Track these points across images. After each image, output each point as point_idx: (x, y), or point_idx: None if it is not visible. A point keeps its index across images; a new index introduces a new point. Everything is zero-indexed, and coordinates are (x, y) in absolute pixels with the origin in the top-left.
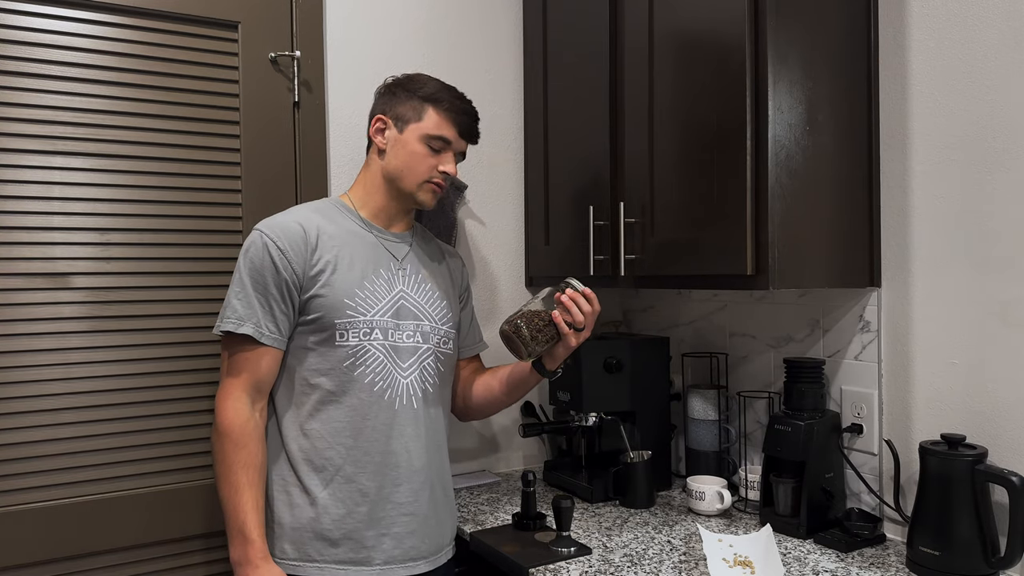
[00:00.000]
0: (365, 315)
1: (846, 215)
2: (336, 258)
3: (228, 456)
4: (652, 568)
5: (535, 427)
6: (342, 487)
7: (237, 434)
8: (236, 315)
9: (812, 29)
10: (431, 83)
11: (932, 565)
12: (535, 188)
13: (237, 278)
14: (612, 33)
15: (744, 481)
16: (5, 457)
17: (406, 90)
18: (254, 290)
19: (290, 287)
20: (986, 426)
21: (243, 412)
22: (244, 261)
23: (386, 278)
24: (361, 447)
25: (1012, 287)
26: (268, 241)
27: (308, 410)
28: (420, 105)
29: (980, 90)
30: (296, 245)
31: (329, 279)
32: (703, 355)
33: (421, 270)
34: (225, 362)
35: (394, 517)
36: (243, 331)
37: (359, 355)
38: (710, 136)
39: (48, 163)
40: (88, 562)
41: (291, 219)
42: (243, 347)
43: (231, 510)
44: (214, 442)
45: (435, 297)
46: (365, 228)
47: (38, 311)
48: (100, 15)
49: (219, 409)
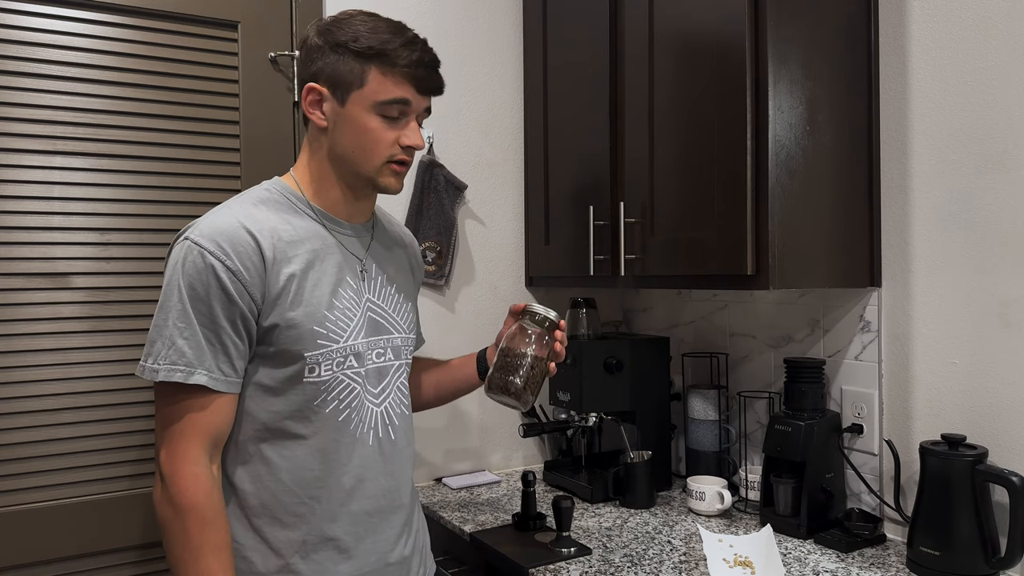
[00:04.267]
0: (338, 341)
1: (846, 215)
2: (299, 272)
3: (193, 538)
4: (652, 568)
5: (535, 427)
6: (317, 547)
7: (203, 508)
8: (183, 360)
9: (812, 29)
10: (365, 28)
11: (932, 565)
12: (535, 188)
13: (177, 308)
14: (612, 33)
15: (744, 481)
16: (5, 457)
17: (336, 45)
18: (200, 325)
19: (246, 318)
20: (986, 426)
21: (205, 480)
22: (180, 284)
23: (354, 288)
24: (335, 497)
25: (1012, 287)
26: (214, 261)
27: (268, 459)
28: (360, 65)
29: (980, 90)
30: (250, 262)
31: (293, 301)
32: (703, 355)
33: (386, 269)
34: (168, 415)
35: (379, 570)
36: (194, 381)
37: (331, 389)
38: (710, 136)
39: (48, 163)
40: (88, 562)
41: (235, 223)
42: (193, 399)
43: None
44: (167, 520)
45: (399, 300)
46: (324, 225)
47: (38, 311)
48: (100, 15)
49: (174, 479)
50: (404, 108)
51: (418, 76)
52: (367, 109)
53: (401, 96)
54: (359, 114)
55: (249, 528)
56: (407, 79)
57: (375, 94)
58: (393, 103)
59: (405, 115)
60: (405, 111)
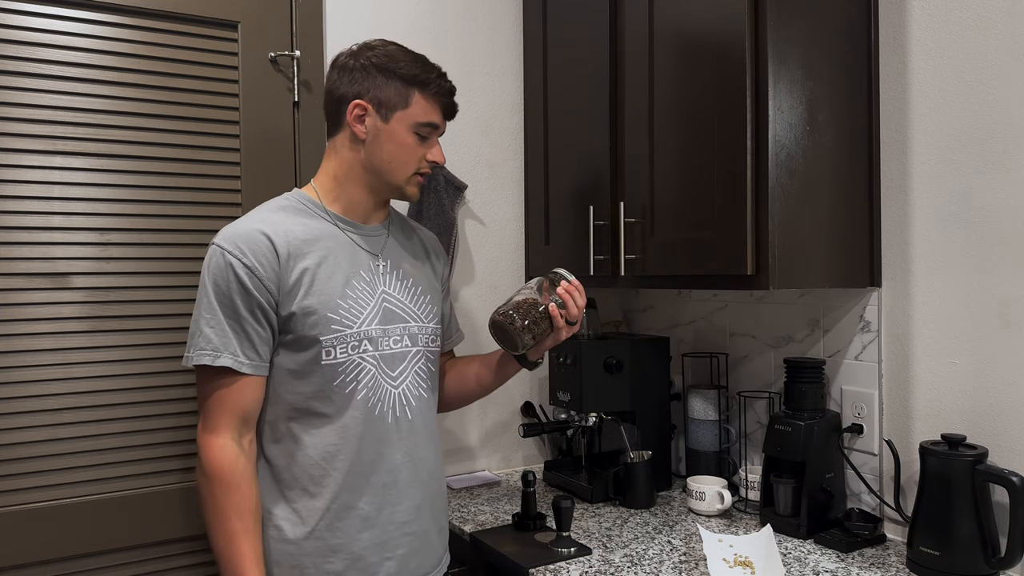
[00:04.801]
0: (352, 327)
1: (846, 215)
2: (312, 266)
3: (219, 502)
4: (652, 568)
5: (535, 427)
6: (340, 515)
7: (227, 476)
8: (210, 346)
9: (812, 29)
10: (406, 58)
11: (932, 565)
12: (535, 188)
13: (205, 302)
14: (612, 33)
15: (744, 481)
16: (5, 457)
17: (383, 70)
18: (225, 316)
19: (264, 308)
20: (986, 426)
21: (231, 450)
22: (208, 283)
23: (368, 280)
24: (356, 469)
25: (1012, 287)
26: (232, 259)
27: (297, 436)
28: (405, 89)
29: (980, 90)
30: (265, 258)
31: (308, 292)
32: (703, 355)
33: (401, 264)
34: (203, 396)
35: (397, 539)
36: (220, 363)
37: (348, 371)
38: (710, 136)
39: (48, 163)
40: (88, 562)
41: (253, 227)
42: (222, 380)
43: (226, 562)
44: (201, 486)
45: (418, 292)
46: (336, 225)
47: (38, 311)
48: (100, 15)
49: (204, 449)
50: (433, 130)
51: (447, 104)
52: (407, 128)
53: (434, 121)
54: (399, 131)
55: (281, 499)
56: (439, 106)
57: (416, 116)
58: (427, 125)
59: (432, 135)
60: (433, 132)
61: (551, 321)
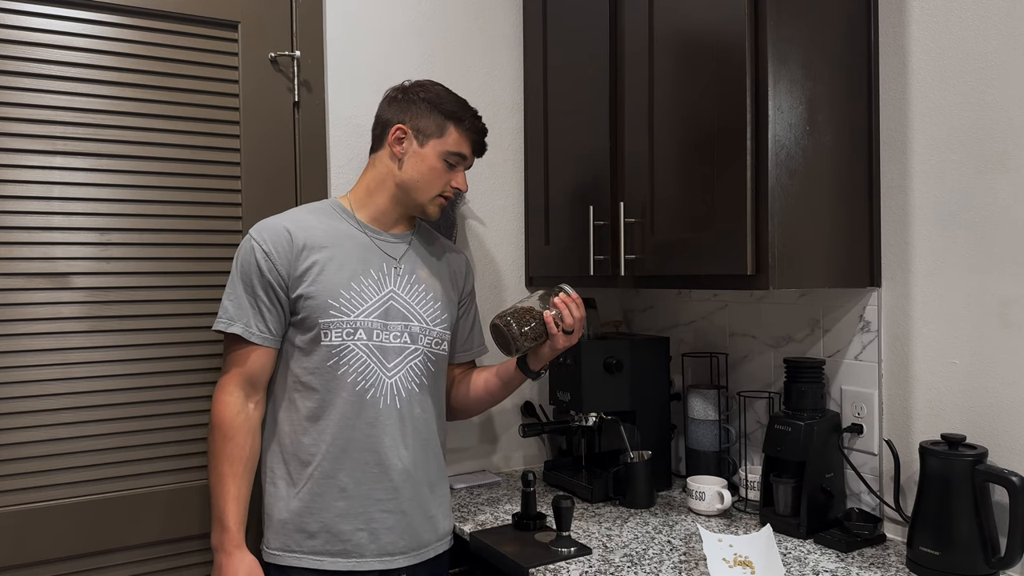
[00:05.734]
0: (349, 315)
1: (846, 215)
2: (324, 259)
3: (216, 447)
4: (652, 568)
5: (535, 427)
6: (321, 482)
7: (226, 427)
8: (227, 315)
9: (812, 29)
10: (449, 97)
11: (932, 565)
12: (535, 188)
13: (230, 279)
14: (612, 33)
15: (744, 481)
16: (5, 457)
17: (427, 103)
18: (244, 291)
19: (275, 288)
20: (986, 426)
21: (234, 406)
22: (236, 263)
23: (376, 278)
24: (341, 445)
25: (1012, 287)
26: (255, 244)
27: (298, 406)
28: (443, 121)
29: (980, 90)
30: (281, 247)
31: (315, 280)
32: (703, 355)
33: (417, 270)
34: (224, 359)
35: (371, 513)
36: (232, 330)
37: (342, 355)
38: (710, 136)
39: (48, 163)
40: (88, 562)
41: (281, 222)
42: (235, 345)
43: (214, 498)
44: (208, 433)
45: (428, 298)
46: (359, 229)
47: (38, 311)
48: (100, 15)
49: (213, 402)
50: (461, 161)
51: (477, 142)
52: (438, 154)
53: (464, 152)
54: (431, 156)
55: (282, 461)
56: (470, 142)
57: (447, 145)
58: (456, 155)
59: (459, 165)
60: (460, 163)
61: (546, 328)
